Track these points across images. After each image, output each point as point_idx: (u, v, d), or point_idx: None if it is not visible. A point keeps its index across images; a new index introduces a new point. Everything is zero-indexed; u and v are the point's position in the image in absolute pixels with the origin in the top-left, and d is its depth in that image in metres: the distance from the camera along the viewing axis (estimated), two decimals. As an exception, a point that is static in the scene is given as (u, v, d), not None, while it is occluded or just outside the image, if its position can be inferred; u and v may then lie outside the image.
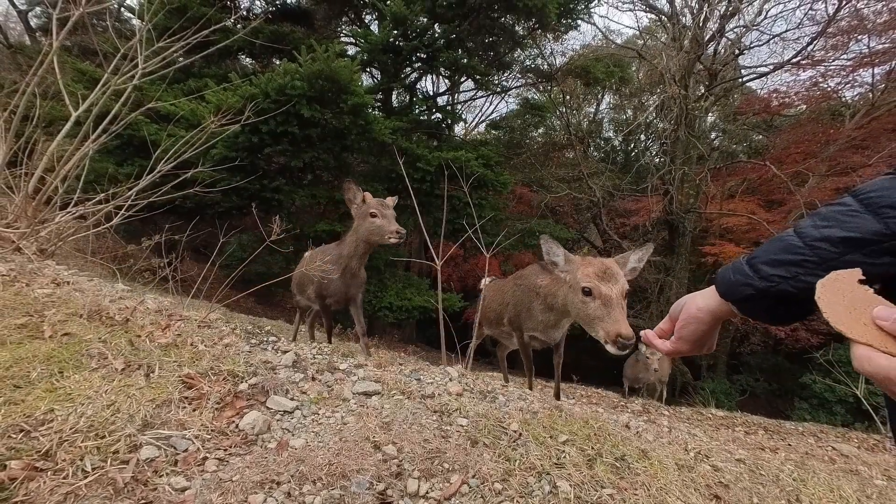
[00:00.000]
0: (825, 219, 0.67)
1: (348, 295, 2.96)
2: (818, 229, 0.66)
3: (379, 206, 2.74)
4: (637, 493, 1.47)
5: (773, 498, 1.75)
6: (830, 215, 0.66)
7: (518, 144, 12.53)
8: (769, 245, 0.72)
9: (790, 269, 0.67)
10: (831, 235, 0.64)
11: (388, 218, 2.70)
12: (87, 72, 5.76)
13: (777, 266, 0.68)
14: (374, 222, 2.71)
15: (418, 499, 1.26)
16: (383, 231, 2.69)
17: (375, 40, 6.56)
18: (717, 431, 3.06)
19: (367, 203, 2.78)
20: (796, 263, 0.66)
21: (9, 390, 1.31)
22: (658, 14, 9.90)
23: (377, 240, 2.74)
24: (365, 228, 2.75)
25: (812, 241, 0.66)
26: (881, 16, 7.36)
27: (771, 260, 0.69)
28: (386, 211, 2.72)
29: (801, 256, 0.66)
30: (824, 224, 0.66)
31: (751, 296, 0.71)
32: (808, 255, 0.65)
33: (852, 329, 0.47)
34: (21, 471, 1.06)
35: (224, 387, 1.56)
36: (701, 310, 0.80)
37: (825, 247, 0.64)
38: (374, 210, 2.71)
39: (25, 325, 1.67)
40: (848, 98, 8.81)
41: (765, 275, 0.69)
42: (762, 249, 0.73)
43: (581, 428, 1.79)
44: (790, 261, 0.67)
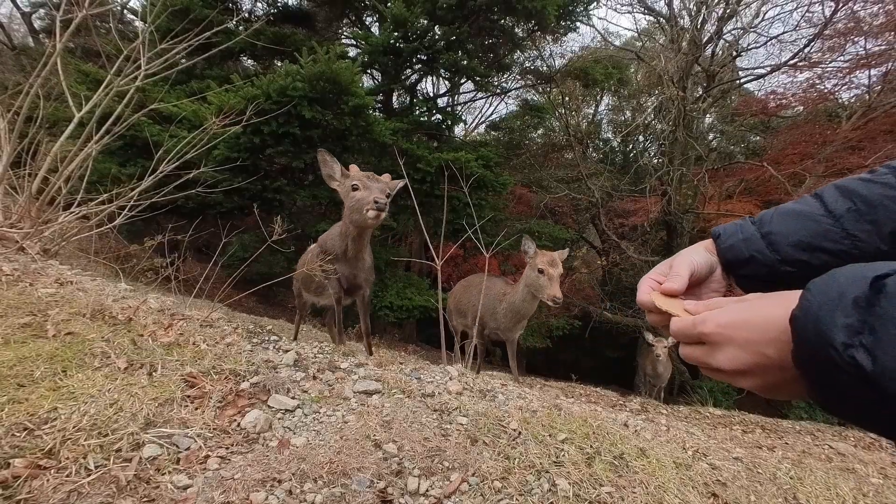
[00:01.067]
0: (869, 204, 0.54)
1: (357, 281, 2.60)
2: (861, 216, 0.54)
3: (363, 177, 2.26)
4: (635, 491, 1.47)
5: (771, 496, 1.75)
6: (875, 199, 0.54)
7: (517, 145, 12.52)
8: (792, 221, 0.60)
9: (820, 257, 0.56)
10: (881, 226, 0.53)
11: (371, 188, 2.18)
12: (90, 73, 5.76)
13: (807, 251, 0.57)
14: (354, 196, 2.23)
15: (418, 497, 1.26)
16: (362, 204, 2.16)
17: (376, 42, 6.56)
18: (714, 430, 3.06)
19: (351, 175, 2.30)
20: (831, 252, 0.55)
21: (12, 389, 1.30)
22: (656, 16, 9.91)
23: (357, 218, 2.25)
24: (348, 207, 2.30)
25: (855, 230, 0.54)
26: (877, 18, 7.36)
27: (799, 242, 0.58)
28: (371, 182, 2.22)
29: (839, 247, 0.55)
30: (869, 210, 0.54)
31: (762, 276, 0.61)
32: (846, 247, 0.55)
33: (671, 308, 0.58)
34: (25, 469, 1.06)
35: (226, 385, 1.56)
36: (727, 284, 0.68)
37: (872, 240, 0.54)
38: (356, 182, 2.23)
39: (29, 325, 1.67)
40: (845, 100, 8.81)
41: (789, 258, 0.58)
42: (782, 224, 0.60)
43: (580, 426, 1.79)
44: (825, 249, 0.56)
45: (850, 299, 0.35)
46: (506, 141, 12.46)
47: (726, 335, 0.46)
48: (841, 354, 0.34)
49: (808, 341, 0.37)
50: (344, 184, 2.32)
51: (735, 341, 0.45)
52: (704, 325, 0.49)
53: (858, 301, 0.35)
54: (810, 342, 0.37)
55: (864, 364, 0.33)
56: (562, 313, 9.15)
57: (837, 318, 0.35)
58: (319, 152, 2.31)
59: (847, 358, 0.34)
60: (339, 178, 2.34)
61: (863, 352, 0.33)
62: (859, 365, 0.33)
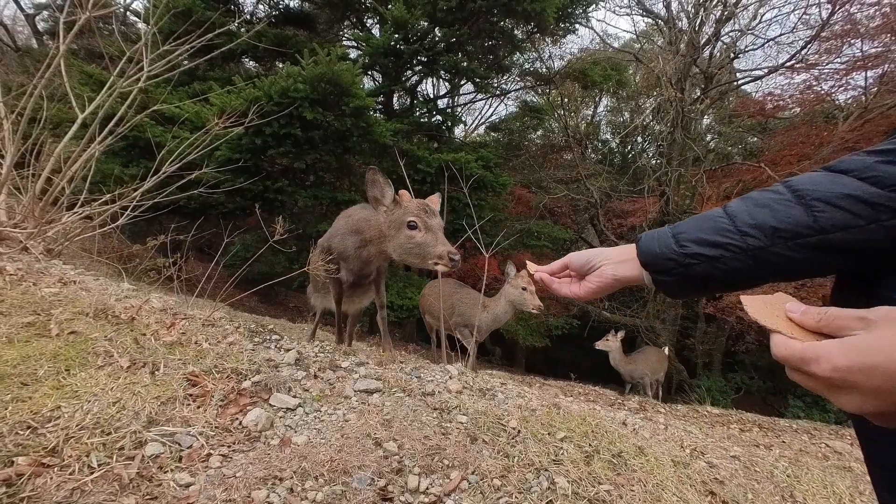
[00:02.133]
0: (759, 205, 0.64)
1: (366, 270, 2.38)
2: (751, 215, 0.63)
3: (421, 211, 1.93)
4: (634, 489, 1.47)
5: (768, 494, 1.75)
6: (765, 201, 0.63)
7: (517, 146, 12.51)
8: (698, 222, 0.69)
9: (716, 251, 0.65)
10: (764, 223, 0.61)
11: (435, 232, 1.90)
12: (93, 74, 5.75)
13: (704, 245, 0.66)
14: (414, 238, 1.91)
15: (418, 495, 1.26)
16: (427, 253, 1.89)
17: (377, 44, 6.56)
18: (712, 429, 3.06)
19: (404, 206, 1.98)
20: (723, 246, 0.64)
21: (16, 388, 1.31)
22: (655, 18, 9.91)
23: (416, 262, 1.98)
24: (399, 244, 1.97)
25: (744, 226, 0.63)
26: (874, 20, 7.36)
27: (699, 238, 0.67)
28: (431, 220, 1.93)
29: (729, 240, 0.64)
30: (758, 210, 0.63)
31: (670, 269, 0.69)
32: (737, 241, 0.63)
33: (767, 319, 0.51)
34: (28, 467, 1.06)
35: (228, 384, 1.56)
36: (618, 280, 0.79)
37: (756, 234, 0.62)
38: (413, 219, 1.91)
39: (33, 324, 1.67)
40: (841, 101, 8.80)
41: (690, 252, 0.67)
42: (690, 225, 0.70)
43: (579, 425, 1.79)
44: (718, 242, 0.64)
45: None
46: (505, 142, 12.45)
47: (850, 381, 0.41)
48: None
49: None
50: (393, 212, 2.00)
51: (861, 388, 0.41)
52: (818, 365, 0.43)
53: None
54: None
55: None
56: (561, 313, 9.15)
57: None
58: (370, 171, 1.97)
59: None
60: (389, 204, 2.01)
61: None
62: None
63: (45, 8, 10.72)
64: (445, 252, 1.86)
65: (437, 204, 2.11)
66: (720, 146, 11.59)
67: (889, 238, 0.55)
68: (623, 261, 0.78)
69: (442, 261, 1.87)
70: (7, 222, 2.98)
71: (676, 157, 8.55)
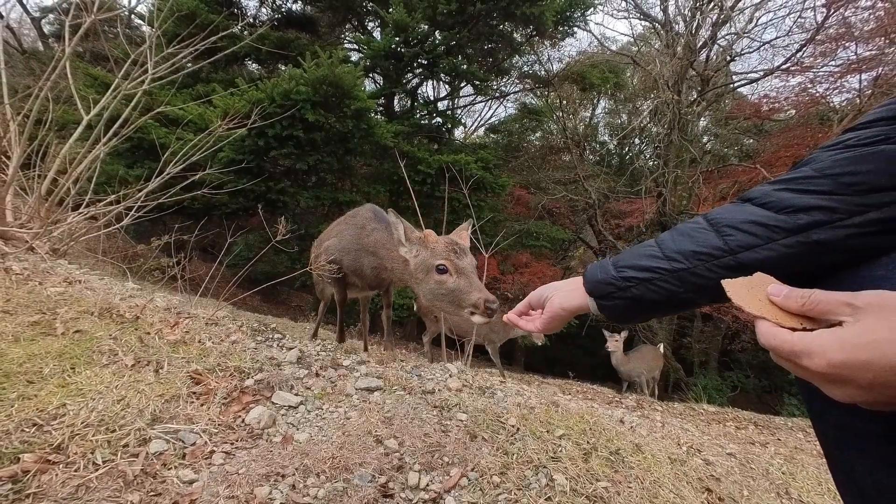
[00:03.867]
0: (682, 234, 0.72)
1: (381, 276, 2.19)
2: (675, 242, 0.71)
3: (450, 252, 1.67)
4: (631, 486, 1.47)
5: (763, 491, 1.75)
6: (686, 231, 0.72)
7: (516, 148, 12.51)
8: (634, 249, 0.78)
9: (647, 274, 0.72)
10: (685, 248, 0.69)
11: (468, 276, 1.64)
12: (98, 77, 5.75)
13: (637, 270, 0.74)
14: (445, 283, 1.65)
15: (419, 491, 1.26)
16: (460, 300, 1.62)
17: (378, 47, 6.56)
18: (708, 426, 3.06)
19: (432, 247, 1.71)
20: (652, 270, 0.72)
21: (22, 385, 1.31)
22: (652, 22, 9.90)
23: (450, 311, 1.70)
24: (429, 290, 1.71)
25: (669, 251, 0.71)
26: (868, 24, 7.36)
27: (633, 264, 0.75)
28: (462, 261, 1.65)
29: (657, 264, 0.72)
30: (681, 238, 0.71)
31: (611, 293, 0.77)
32: (663, 264, 0.71)
33: (750, 305, 0.49)
34: (34, 463, 1.06)
35: (231, 382, 1.56)
36: (565, 310, 0.85)
37: (679, 258, 0.69)
38: (441, 262, 1.65)
39: (38, 323, 1.67)
40: (836, 103, 8.80)
41: (627, 276, 0.75)
42: (627, 254, 0.78)
43: (577, 423, 1.79)
44: (648, 267, 0.72)
45: None
46: (505, 143, 12.45)
47: (844, 375, 0.41)
48: None
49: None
50: (418, 253, 1.76)
51: (856, 382, 0.41)
52: (811, 360, 0.43)
53: None
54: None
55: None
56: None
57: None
58: (389, 213, 1.80)
59: None
60: (409, 245, 1.78)
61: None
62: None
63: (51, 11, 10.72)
64: (482, 300, 1.57)
65: (466, 239, 1.83)
66: (716, 148, 11.59)
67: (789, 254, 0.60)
68: (570, 290, 0.85)
69: (478, 310, 1.58)
70: (13, 222, 2.98)
71: (673, 159, 8.55)
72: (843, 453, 0.58)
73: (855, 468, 0.55)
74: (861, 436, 0.53)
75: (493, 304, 1.57)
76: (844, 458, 0.58)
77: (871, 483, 0.53)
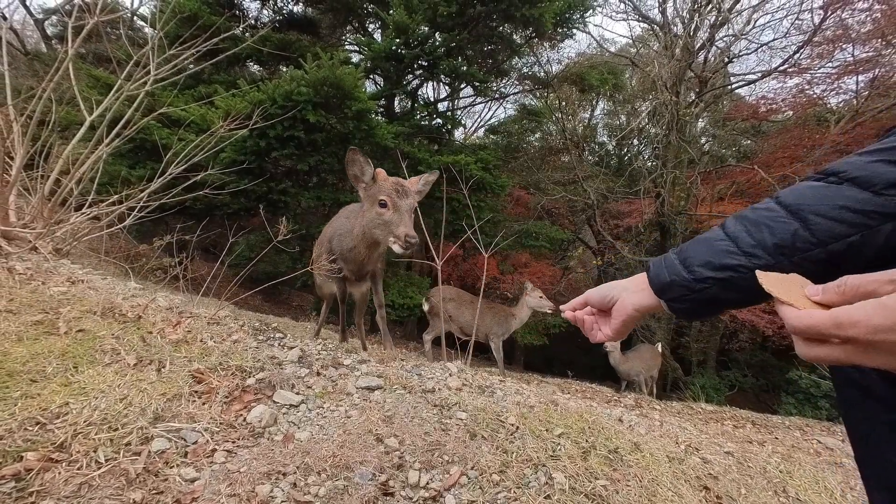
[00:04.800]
0: (756, 224, 0.64)
1: (364, 270, 2.40)
2: (750, 235, 0.63)
3: (394, 191, 1.98)
4: (629, 484, 1.47)
5: (761, 489, 1.75)
6: (761, 220, 0.63)
7: (516, 149, 12.49)
8: (701, 246, 0.69)
9: (725, 273, 0.64)
10: (765, 242, 0.61)
11: (401, 212, 1.96)
12: (101, 78, 5.74)
13: (713, 269, 0.66)
14: (382, 215, 1.99)
15: (419, 490, 1.26)
16: (389, 229, 1.97)
17: (378, 48, 6.56)
18: (706, 425, 3.06)
19: (379, 184, 2.03)
20: (732, 268, 0.64)
21: (25, 384, 1.31)
22: (650, 23, 9.89)
23: (380, 237, 2.06)
24: (369, 219, 2.05)
25: (746, 246, 0.63)
26: (865, 26, 7.35)
27: (707, 262, 0.67)
28: (401, 201, 1.97)
29: (735, 261, 0.64)
30: (756, 229, 0.63)
31: (684, 296, 0.69)
32: (742, 261, 0.63)
33: (783, 293, 0.50)
34: (37, 462, 1.06)
35: (232, 381, 1.56)
36: (638, 310, 0.78)
37: (758, 253, 0.62)
38: (384, 197, 1.98)
39: (41, 322, 1.67)
40: (833, 104, 8.80)
41: (700, 277, 0.67)
42: (694, 249, 0.70)
43: (576, 421, 1.79)
44: (726, 265, 0.64)
45: None
46: (504, 144, 12.43)
47: (883, 339, 0.40)
48: None
49: None
50: (370, 190, 2.05)
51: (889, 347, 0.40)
52: (856, 327, 0.41)
53: None
54: None
55: None
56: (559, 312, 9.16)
57: None
58: (351, 150, 2.01)
59: None
60: (368, 181, 2.06)
61: None
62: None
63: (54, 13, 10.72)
64: (403, 234, 1.90)
65: (415, 184, 2.13)
66: (714, 149, 11.58)
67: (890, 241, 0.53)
68: (640, 291, 0.78)
69: (398, 241, 1.92)
70: (17, 222, 2.98)
71: (672, 160, 8.54)
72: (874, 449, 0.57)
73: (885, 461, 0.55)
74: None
75: (412, 238, 1.89)
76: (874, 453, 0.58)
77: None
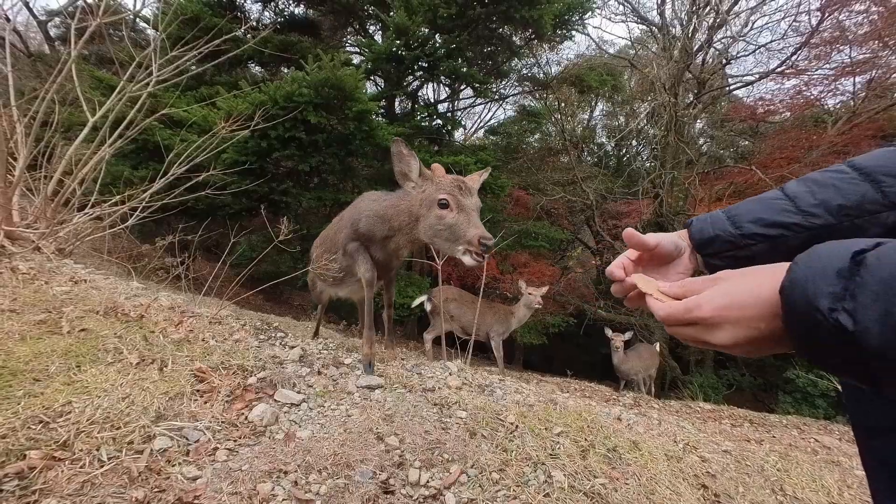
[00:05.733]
0: (821, 185, 0.61)
1: (391, 265, 2.12)
2: (813, 194, 0.61)
3: (455, 188, 1.61)
4: (628, 482, 1.47)
5: (758, 487, 1.75)
6: (827, 181, 0.61)
7: (515, 149, 12.48)
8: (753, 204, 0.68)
9: (776, 231, 0.62)
10: (829, 201, 0.59)
11: (468, 212, 1.59)
12: (103, 79, 5.74)
13: (763, 226, 0.63)
14: (444, 218, 1.59)
15: (419, 488, 1.26)
16: (457, 236, 1.57)
17: (379, 50, 6.56)
18: (704, 424, 3.05)
19: (436, 181, 1.67)
20: (785, 226, 0.62)
21: (28, 383, 1.31)
22: (649, 25, 9.89)
23: (445, 247, 1.65)
24: (429, 224, 1.65)
25: (806, 206, 0.61)
26: (862, 27, 7.35)
27: (757, 219, 0.64)
28: (466, 199, 1.60)
29: (790, 219, 0.62)
30: (821, 190, 0.61)
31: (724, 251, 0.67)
32: (797, 219, 0.61)
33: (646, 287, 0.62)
34: (40, 460, 1.06)
35: (234, 380, 1.56)
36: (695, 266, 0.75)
37: (819, 212, 0.60)
38: (444, 196, 1.59)
39: (44, 321, 1.67)
40: (830, 106, 8.80)
41: (747, 232, 0.65)
42: (745, 207, 0.68)
43: (575, 420, 1.79)
44: (779, 222, 0.62)
45: (833, 271, 0.40)
46: (504, 145, 12.43)
47: (723, 316, 0.49)
48: (826, 317, 0.39)
49: (797, 308, 0.42)
50: (424, 188, 1.71)
51: (730, 321, 0.49)
52: (701, 309, 0.51)
53: (841, 272, 0.39)
54: (799, 309, 0.41)
55: (846, 325, 0.37)
56: (557, 311, 9.14)
57: (822, 287, 0.40)
58: (395, 142, 1.68)
59: (832, 320, 0.38)
60: (417, 179, 1.73)
61: (845, 315, 0.37)
62: (842, 326, 0.37)
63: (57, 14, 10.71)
64: (476, 236, 1.51)
65: (477, 181, 1.79)
66: (712, 149, 11.57)
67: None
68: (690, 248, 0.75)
69: (471, 247, 1.53)
70: (20, 223, 2.97)
71: (670, 160, 8.54)
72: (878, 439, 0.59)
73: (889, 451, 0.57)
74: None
75: (488, 240, 1.52)
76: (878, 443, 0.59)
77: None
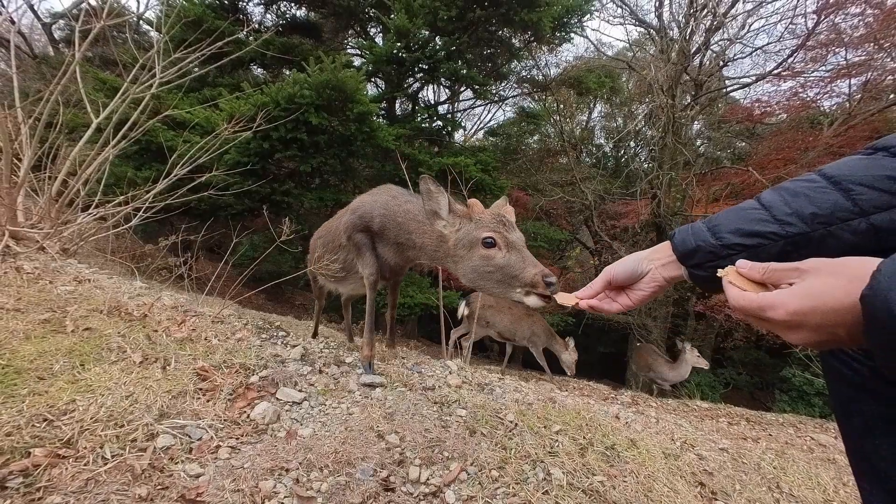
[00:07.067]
0: (794, 194, 0.63)
1: (401, 268, 2.01)
2: (787, 204, 0.63)
3: (500, 224, 1.40)
4: (626, 480, 1.47)
5: (755, 485, 1.75)
6: (800, 190, 0.63)
7: (514, 150, 12.49)
8: (732, 214, 0.69)
9: (754, 240, 0.64)
10: (803, 211, 0.61)
11: (519, 249, 1.36)
12: (107, 81, 5.75)
13: (741, 236, 0.65)
14: (494, 259, 1.36)
15: (419, 485, 1.26)
16: (512, 278, 1.31)
17: (380, 52, 6.56)
18: (702, 422, 3.05)
19: (477, 219, 1.45)
20: (763, 235, 0.63)
21: (33, 382, 1.31)
22: (647, 28, 9.89)
23: (496, 291, 1.38)
24: (472, 268, 1.42)
25: (781, 214, 0.62)
26: (857, 30, 7.35)
27: (736, 229, 0.66)
28: (512, 235, 1.38)
29: (767, 228, 0.63)
30: (794, 199, 0.62)
31: (707, 262, 0.68)
32: (774, 228, 0.62)
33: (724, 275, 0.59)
34: (44, 458, 1.06)
35: (236, 379, 1.56)
36: (668, 280, 0.79)
37: (794, 221, 0.61)
38: (489, 234, 1.38)
39: (49, 321, 1.67)
40: (826, 107, 8.81)
41: (727, 243, 0.66)
42: (724, 217, 0.69)
43: (573, 418, 1.79)
44: (756, 232, 0.64)
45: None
46: (503, 146, 12.44)
47: (797, 321, 0.49)
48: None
49: (878, 318, 0.41)
50: (458, 227, 1.49)
51: (808, 326, 0.48)
52: (776, 312, 0.50)
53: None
54: (880, 319, 0.40)
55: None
56: (556, 311, 9.15)
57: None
58: (423, 179, 1.49)
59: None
60: (448, 217, 1.52)
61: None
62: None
63: (62, 17, 10.71)
64: (539, 276, 1.25)
65: (511, 213, 1.55)
66: (710, 151, 11.56)
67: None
68: (668, 260, 0.77)
69: (536, 289, 1.26)
70: (25, 223, 2.97)
71: (668, 161, 8.54)
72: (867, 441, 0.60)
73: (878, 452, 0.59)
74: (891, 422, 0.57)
75: (551, 278, 1.25)
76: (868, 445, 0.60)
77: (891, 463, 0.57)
